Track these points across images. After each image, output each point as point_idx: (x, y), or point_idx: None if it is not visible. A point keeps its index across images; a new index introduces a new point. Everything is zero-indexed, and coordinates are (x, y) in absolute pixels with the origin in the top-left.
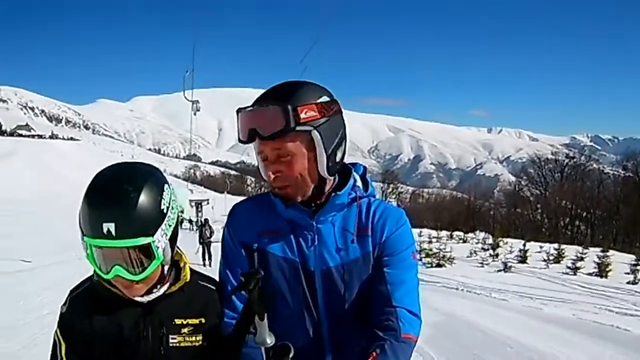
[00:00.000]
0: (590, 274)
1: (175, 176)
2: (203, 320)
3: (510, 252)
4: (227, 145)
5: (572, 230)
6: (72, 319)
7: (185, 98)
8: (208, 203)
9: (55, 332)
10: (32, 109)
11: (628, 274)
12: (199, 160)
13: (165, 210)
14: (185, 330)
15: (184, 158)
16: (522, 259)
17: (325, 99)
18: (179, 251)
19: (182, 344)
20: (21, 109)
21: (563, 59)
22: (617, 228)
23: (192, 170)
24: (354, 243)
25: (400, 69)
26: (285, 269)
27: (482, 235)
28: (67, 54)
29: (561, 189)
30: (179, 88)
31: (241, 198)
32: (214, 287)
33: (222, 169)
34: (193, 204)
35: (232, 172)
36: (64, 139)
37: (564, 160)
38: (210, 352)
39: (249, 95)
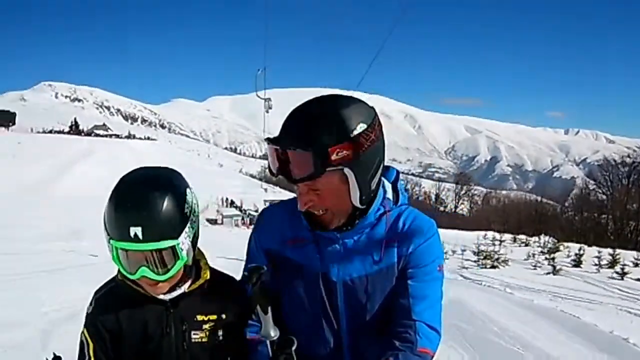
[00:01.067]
0: (638, 279)
1: (251, 175)
2: (224, 316)
3: (568, 256)
4: None
5: (638, 235)
6: (98, 318)
7: (258, 96)
8: None
9: (82, 332)
10: (108, 108)
11: None
12: None
13: (188, 214)
14: (206, 326)
15: (260, 157)
16: (577, 262)
17: (361, 127)
18: (199, 250)
19: (203, 340)
20: (97, 108)
21: None
22: None
23: (267, 170)
24: (380, 254)
25: (478, 68)
26: (306, 278)
27: (545, 239)
28: (143, 54)
29: (628, 192)
30: (256, 88)
31: None
32: (234, 285)
33: None
34: (267, 203)
35: None
36: (140, 138)
37: (632, 163)
38: (231, 346)
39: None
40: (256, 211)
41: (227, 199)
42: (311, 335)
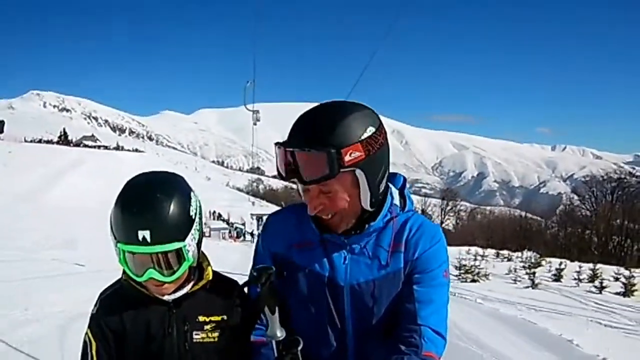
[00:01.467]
0: (617, 293)
1: (238, 189)
2: (225, 317)
3: (549, 270)
4: None
5: (622, 250)
6: (102, 318)
7: (246, 108)
8: None
9: (86, 332)
10: (96, 118)
11: None
12: (262, 173)
13: (193, 216)
14: (208, 327)
15: (247, 171)
16: (557, 277)
17: (371, 130)
18: (202, 252)
19: (205, 340)
20: (85, 119)
21: (628, 74)
22: None
23: (254, 184)
24: (387, 259)
25: (465, 85)
26: (311, 282)
27: (528, 254)
28: (132, 65)
29: (612, 208)
30: (244, 101)
31: None
32: (235, 287)
33: (285, 183)
34: (254, 217)
35: (294, 187)
36: (128, 150)
37: (617, 179)
38: (231, 348)
39: None
40: (243, 224)
41: (214, 212)
42: (316, 339)
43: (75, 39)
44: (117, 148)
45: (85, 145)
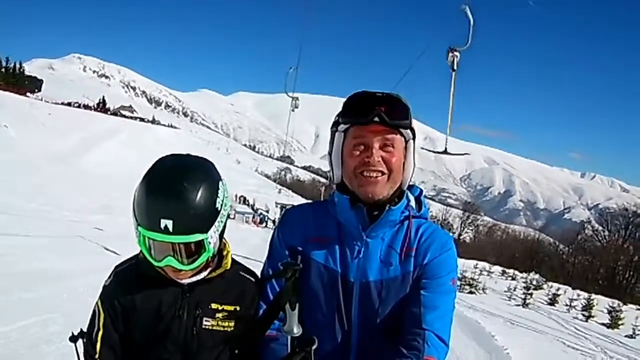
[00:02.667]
0: (603, 324)
1: (266, 176)
2: (238, 308)
3: (547, 294)
4: (322, 152)
5: (628, 286)
6: (114, 292)
7: (287, 94)
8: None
9: (97, 303)
10: (134, 88)
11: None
12: (292, 163)
13: (219, 208)
14: (219, 315)
15: (277, 159)
16: (552, 301)
17: (410, 122)
18: (224, 240)
19: (214, 328)
20: (123, 87)
21: None
22: None
23: (283, 172)
24: (398, 262)
25: (500, 100)
26: (325, 276)
27: (535, 276)
28: (176, 40)
29: (623, 243)
30: (282, 89)
31: None
32: (253, 279)
33: (313, 176)
34: (279, 206)
35: (321, 180)
36: (164, 125)
37: (633, 214)
38: (240, 338)
39: None
40: (267, 211)
41: (241, 196)
42: (321, 332)
43: (122, 5)
44: (153, 121)
45: (123, 115)
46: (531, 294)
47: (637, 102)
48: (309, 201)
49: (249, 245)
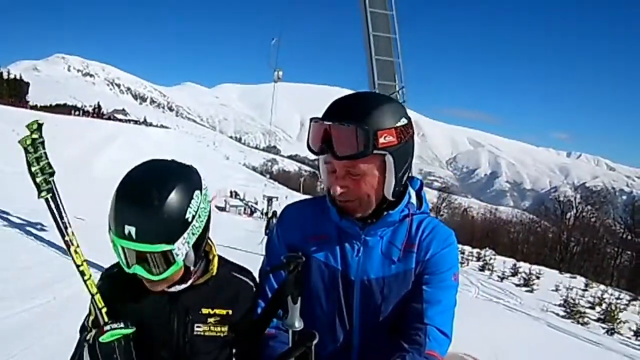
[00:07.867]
0: (518, 285)
1: (254, 168)
2: (231, 312)
3: (481, 264)
4: None
5: (570, 258)
6: (103, 295)
7: (269, 65)
8: (277, 200)
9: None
10: (119, 85)
11: (553, 290)
12: (278, 152)
13: (190, 219)
14: (211, 320)
15: (263, 149)
16: (482, 267)
17: (403, 121)
18: (209, 242)
19: (207, 333)
20: (108, 85)
21: None
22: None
23: (269, 163)
24: (399, 258)
25: (485, 83)
26: (325, 274)
27: (488, 252)
28: (157, 34)
29: (572, 225)
30: (266, 79)
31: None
32: (247, 280)
33: (299, 165)
34: (265, 199)
35: (306, 169)
36: (155, 125)
37: (579, 199)
38: (236, 342)
39: (337, 93)
40: (256, 203)
41: (233, 191)
42: (323, 331)
43: (102, 3)
44: (145, 123)
45: (117, 119)
46: (467, 264)
47: (621, 79)
48: (307, 196)
49: (244, 229)
